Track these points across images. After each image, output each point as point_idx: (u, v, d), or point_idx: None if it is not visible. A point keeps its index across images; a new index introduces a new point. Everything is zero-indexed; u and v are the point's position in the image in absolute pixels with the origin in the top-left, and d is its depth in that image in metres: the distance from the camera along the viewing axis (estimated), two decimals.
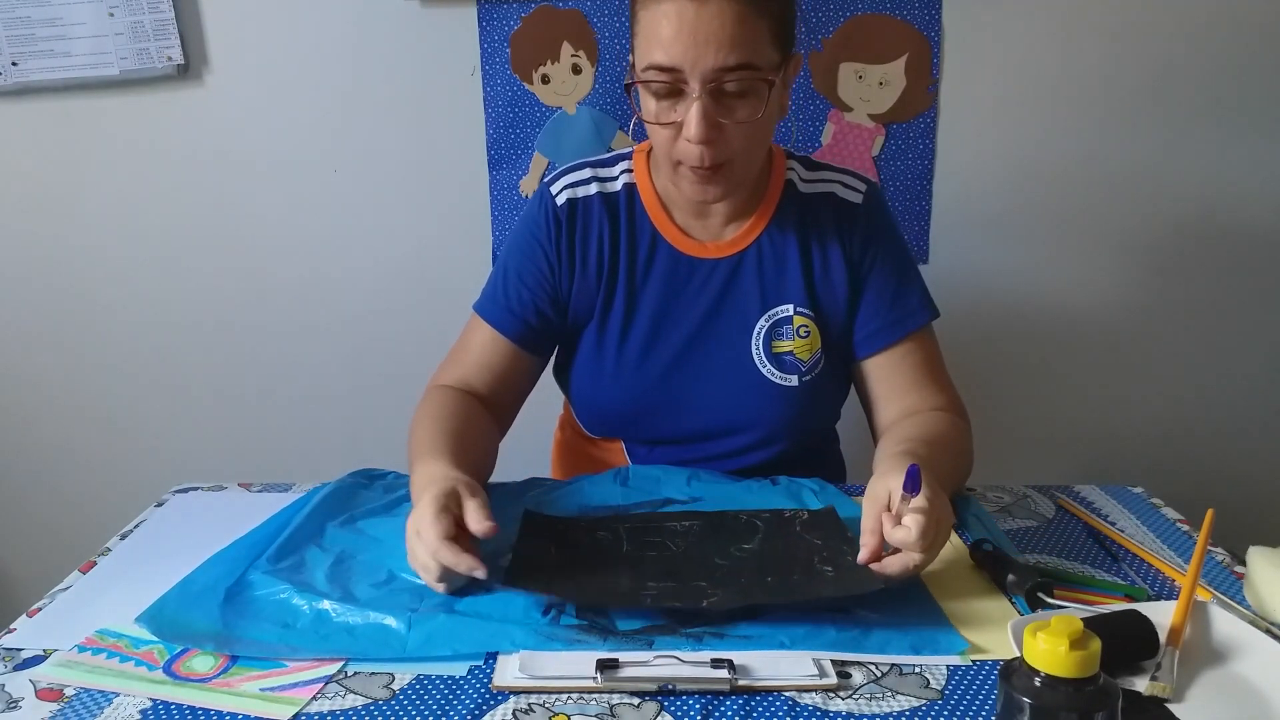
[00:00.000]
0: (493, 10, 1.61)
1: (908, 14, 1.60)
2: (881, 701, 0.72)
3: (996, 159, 1.67)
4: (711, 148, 0.97)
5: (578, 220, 1.12)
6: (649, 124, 1.01)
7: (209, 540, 0.96)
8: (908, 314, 1.12)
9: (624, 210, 1.13)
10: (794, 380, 1.11)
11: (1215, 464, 1.80)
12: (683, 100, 0.96)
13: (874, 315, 1.12)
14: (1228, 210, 1.68)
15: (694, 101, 0.95)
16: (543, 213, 1.14)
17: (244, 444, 1.87)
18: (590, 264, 1.12)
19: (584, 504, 1.04)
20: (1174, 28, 1.59)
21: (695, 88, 0.94)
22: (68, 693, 0.76)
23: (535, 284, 1.14)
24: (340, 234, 1.75)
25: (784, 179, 1.13)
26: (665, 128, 0.99)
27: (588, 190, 1.13)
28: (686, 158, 0.99)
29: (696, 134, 0.95)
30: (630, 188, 1.14)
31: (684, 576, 0.87)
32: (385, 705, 0.73)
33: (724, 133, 0.97)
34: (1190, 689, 0.73)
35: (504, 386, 1.16)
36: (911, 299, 1.13)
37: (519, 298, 1.14)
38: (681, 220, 1.13)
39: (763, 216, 1.12)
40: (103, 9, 1.62)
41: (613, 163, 1.16)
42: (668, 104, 0.98)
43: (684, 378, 1.12)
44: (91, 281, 1.80)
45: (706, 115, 0.95)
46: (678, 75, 0.95)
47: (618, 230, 1.12)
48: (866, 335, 1.12)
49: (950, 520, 0.87)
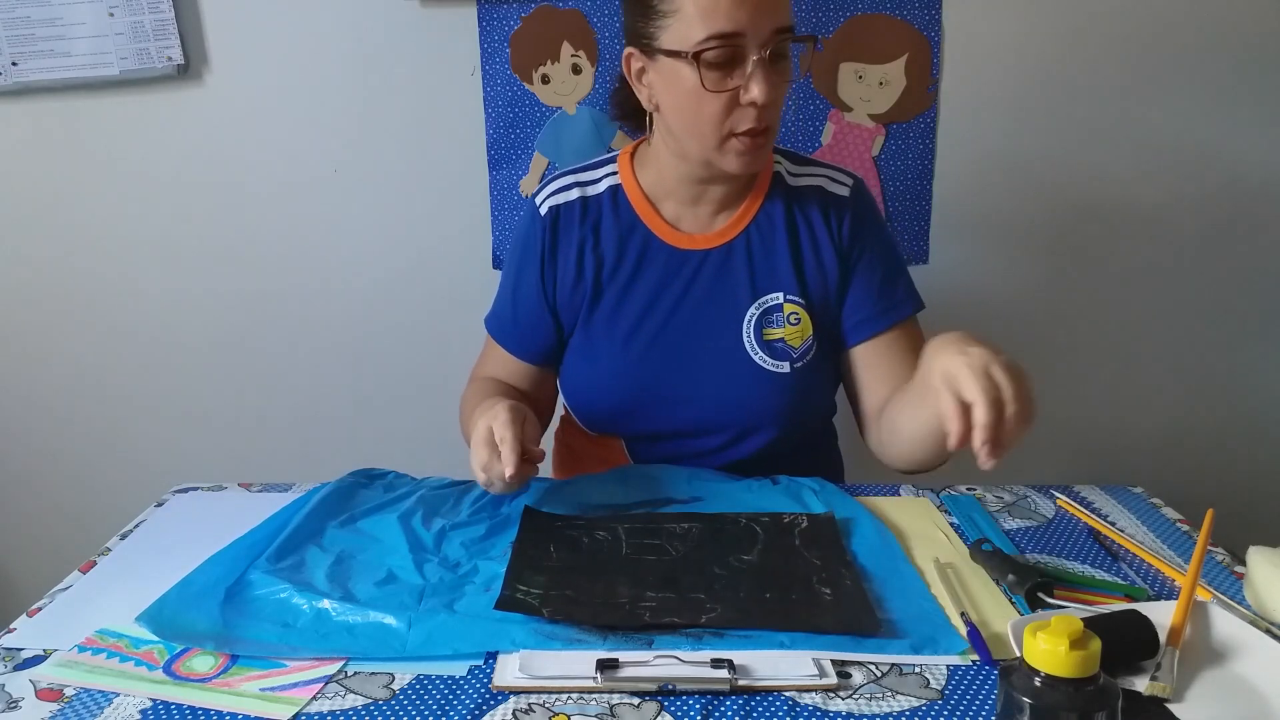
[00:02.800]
0: (493, 10, 1.61)
1: (908, 14, 1.60)
2: (881, 701, 0.72)
3: (996, 159, 1.67)
4: (768, 111, 1.01)
5: (560, 227, 1.16)
6: (696, 97, 1.01)
7: (209, 540, 0.96)
8: (894, 304, 1.14)
9: (609, 210, 1.15)
10: (786, 367, 1.12)
11: (1215, 464, 1.80)
12: (736, 68, 0.99)
13: (861, 305, 1.14)
14: (1228, 210, 1.68)
15: (757, 65, 0.98)
16: (529, 224, 1.18)
17: (244, 444, 1.87)
18: (574, 267, 1.15)
19: (585, 502, 1.04)
20: (1174, 27, 1.59)
21: (755, 51, 0.98)
22: (68, 693, 0.76)
23: (536, 300, 1.17)
24: (340, 234, 1.75)
25: (772, 170, 1.16)
26: (720, 96, 1.00)
27: (569, 196, 1.16)
28: (743, 123, 1.01)
29: (764, 94, 0.98)
30: (615, 189, 1.16)
31: (682, 587, 0.86)
32: (385, 705, 0.73)
33: (778, 94, 1.01)
34: (1190, 689, 0.73)
35: (536, 392, 1.23)
36: (898, 290, 1.15)
37: (526, 320, 1.19)
38: (670, 214, 1.15)
39: (751, 206, 1.14)
40: (103, 9, 1.62)
41: (596, 167, 1.19)
42: (721, 74, 1.00)
43: (677, 368, 1.13)
44: (91, 282, 1.80)
45: (769, 76, 0.98)
46: (739, 41, 0.98)
47: (600, 231, 1.15)
48: (854, 324, 1.14)
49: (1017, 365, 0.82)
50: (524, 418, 0.99)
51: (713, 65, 0.99)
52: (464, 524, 1.01)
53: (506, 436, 0.94)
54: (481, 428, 0.97)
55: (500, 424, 0.95)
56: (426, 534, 0.98)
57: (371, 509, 1.04)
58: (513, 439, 0.94)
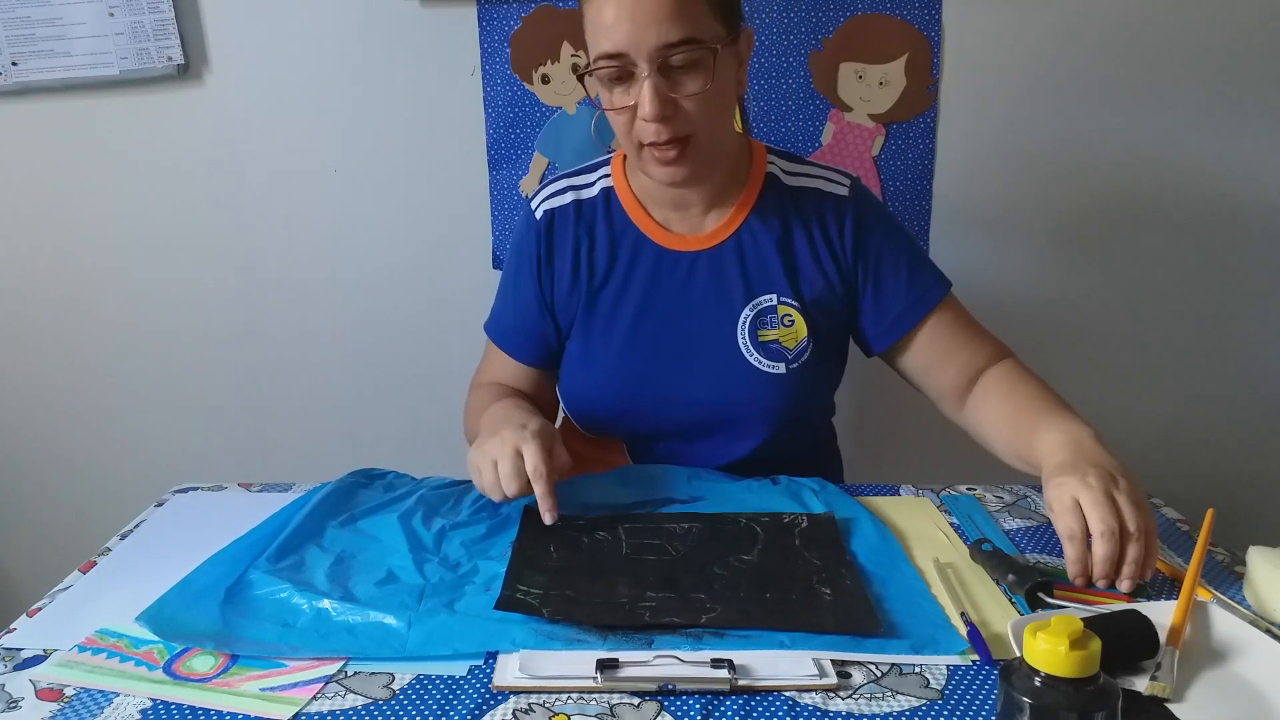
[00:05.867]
0: (493, 10, 1.61)
1: (908, 14, 1.60)
2: (881, 701, 0.72)
3: (996, 159, 1.67)
4: (668, 124, 1.00)
5: (555, 230, 1.16)
6: (608, 114, 1.05)
7: (209, 540, 0.96)
8: (926, 290, 1.15)
9: (601, 213, 1.16)
10: (781, 368, 1.12)
11: (1215, 464, 1.80)
12: (635, 83, 1.00)
13: (895, 301, 1.14)
14: (1228, 209, 1.68)
15: (644, 80, 0.98)
16: (525, 229, 1.19)
17: (244, 444, 1.87)
18: (569, 270, 1.16)
19: (585, 502, 1.04)
20: (1174, 26, 1.59)
21: (643, 67, 0.98)
22: (68, 693, 0.76)
23: (534, 304, 1.18)
24: (340, 234, 1.75)
25: (765, 171, 1.15)
26: (621, 113, 1.02)
27: (563, 200, 1.17)
28: (645, 135, 1.02)
29: (651, 111, 0.99)
30: (608, 191, 1.17)
31: (682, 587, 0.86)
32: (385, 705, 0.73)
33: (678, 108, 1.00)
34: (1190, 689, 0.73)
35: (537, 396, 1.23)
36: (926, 276, 1.16)
37: (526, 324, 1.20)
38: (661, 216, 1.15)
39: (744, 207, 1.14)
40: (103, 9, 1.62)
41: (590, 170, 1.20)
42: (621, 90, 1.02)
43: (672, 368, 1.13)
44: (91, 281, 1.80)
45: (657, 91, 0.98)
46: (626, 59, 0.98)
47: (594, 234, 1.15)
48: (892, 321, 1.15)
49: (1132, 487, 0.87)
50: (553, 443, 0.98)
51: (608, 83, 1.02)
52: (464, 524, 1.01)
53: (541, 471, 0.94)
54: (507, 443, 0.96)
55: (532, 454, 0.94)
56: (426, 534, 0.98)
57: (371, 509, 1.03)
58: (546, 475, 0.94)
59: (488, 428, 1.03)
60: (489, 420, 1.07)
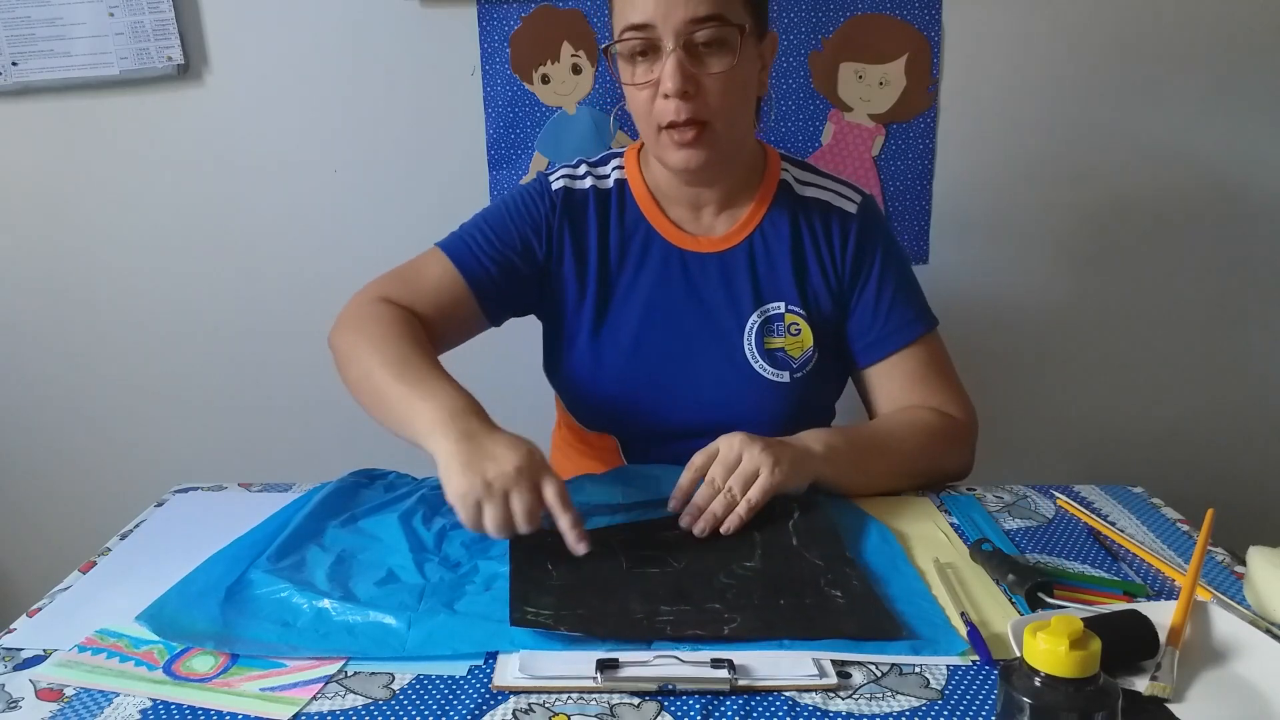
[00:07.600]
0: (493, 10, 1.61)
1: (908, 14, 1.60)
2: (881, 701, 0.72)
3: (996, 159, 1.67)
4: (689, 102, 1.00)
5: (573, 208, 1.15)
6: (628, 89, 1.04)
7: (209, 540, 0.96)
8: (904, 324, 1.14)
9: (615, 205, 1.15)
10: (786, 377, 1.12)
11: (1215, 464, 1.80)
12: (659, 59, 1.00)
13: (870, 327, 1.14)
14: (1229, 209, 1.68)
15: (669, 55, 0.98)
16: (539, 193, 1.16)
17: (244, 444, 1.87)
18: (581, 254, 1.14)
19: (582, 502, 1.03)
20: (1174, 27, 1.59)
21: (669, 42, 0.98)
22: (68, 693, 0.76)
23: (514, 244, 1.14)
24: (340, 234, 1.75)
25: (779, 178, 1.15)
26: (643, 89, 1.02)
27: (583, 184, 1.16)
28: (665, 115, 1.01)
29: (673, 85, 0.98)
30: (621, 183, 1.16)
31: (695, 599, 0.84)
32: (385, 705, 0.73)
33: (700, 88, 1.00)
34: (1190, 689, 0.73)
35: (448, 328, 1.14)
36: (908, 310, 1.14)
37: (491, 250, 1.14)
38: (674, 214, 1.14)
39: (757, 212, 1.14)
40: (103, 9, 1.62)
41: (605, 161, 1.19)
42: (645, 65, 1.01)
43: (676, 369, 1.13)
44: (91, 281, 1.80)
45: (681, 66, 0.98)
46: (652, 33, 0.98)
47: (607, 224, 1.14)
48: (865, 346, 1.15)
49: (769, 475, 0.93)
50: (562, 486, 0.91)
51: (632, 57, 1.01)
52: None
53: (568, 500, 0.89)
54: (523, 474, 0.87)
55: (553, 487, 0.88)
56: (427, 533, 0.98)
57: (372, 509, 1.03)
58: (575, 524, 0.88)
59: (457, 435, 0.90)
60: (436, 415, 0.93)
